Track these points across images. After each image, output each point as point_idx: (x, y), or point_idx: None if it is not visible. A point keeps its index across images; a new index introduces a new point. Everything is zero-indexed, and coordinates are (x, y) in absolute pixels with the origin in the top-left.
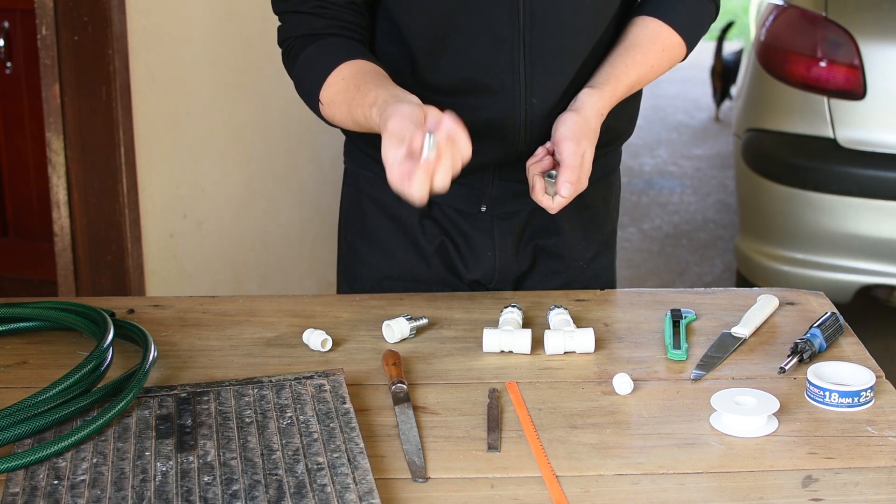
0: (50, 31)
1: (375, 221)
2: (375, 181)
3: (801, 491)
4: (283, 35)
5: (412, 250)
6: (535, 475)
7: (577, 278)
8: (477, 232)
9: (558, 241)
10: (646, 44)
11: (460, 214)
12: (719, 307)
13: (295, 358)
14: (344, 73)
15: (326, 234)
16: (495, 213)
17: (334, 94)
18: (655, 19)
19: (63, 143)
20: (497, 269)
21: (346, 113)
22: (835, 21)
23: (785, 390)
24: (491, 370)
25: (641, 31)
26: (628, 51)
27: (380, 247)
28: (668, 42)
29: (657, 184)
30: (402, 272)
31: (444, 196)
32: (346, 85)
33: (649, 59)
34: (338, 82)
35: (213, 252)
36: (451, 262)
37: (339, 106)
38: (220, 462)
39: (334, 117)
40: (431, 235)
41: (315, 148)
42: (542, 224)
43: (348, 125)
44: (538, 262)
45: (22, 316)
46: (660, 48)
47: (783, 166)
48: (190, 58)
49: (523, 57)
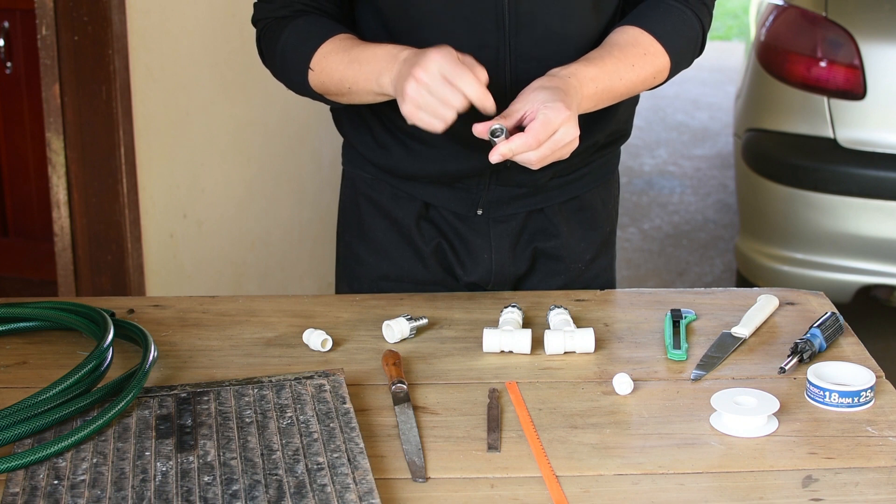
0: (50, 31)
1: (372, 222)
2: (372, 182)
3: (801, 491)
4: (259, 14)
5: (409, 251)
6: (535, 475)
7: (576, 280)
8: (473, 234)
9: (557, 243)
10: (625, 45)
11: (457, 217)
12: (719, 307)
13: (295, 358)
14: (337, 39)
15: (326, 234)
16: (491, 216)
17: (327, 52)
18: (635, 27)
19: (63, 143)
20: (494, 271)
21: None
22: (835, 21)
23: (785, 390)
24: (491, 370)
25: (621, 35)
26: (605, 47)
27: (377, 248)
28: (649, 48)
29: (657, 184)
30: (400, 273)
31: (440, 199)
32: (342, 45)
33: (628, 57)
34: (332, 45)
35: (213, 252)
36: (449, 264)
37: (333, 61)
38: (220, 462)
39: (321, 76)
40: (428, 237)
41: (315, 148)
42: (539, 227)
43: (337, 72)
44: (537, 265)
45: (22, 316)
46: (641, 51)
47: (783, 166)
48: (190, 58)
49: (508, 62)
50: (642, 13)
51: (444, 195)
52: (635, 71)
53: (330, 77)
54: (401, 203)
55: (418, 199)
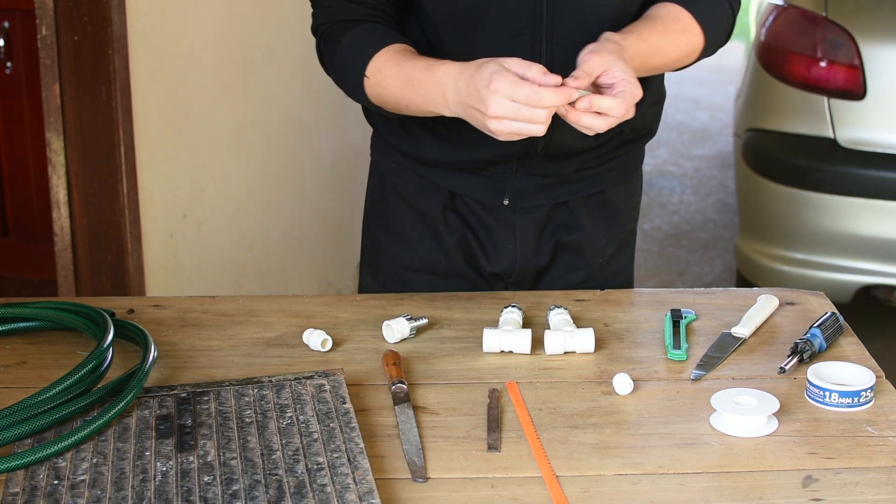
0: (50, 31)
1: (398, 213)
2: (399, 172)
3: (801, 491)
4: (319, 20)
5: (433, 242)
6: (535, 475)
7: (596, 275)
8: (499, 225)
9: (579, 236)
10: (667, 20)
11: (483, 207)
12: (719, 307)
13: (295, 358)
14: (392, 51)
15: (326, 234)
16: (517, 206)
17: (381, 64)
18: (675, 4)
19: (63, 143)
20: (518, 262)
21: (396, 75)
22: (835, 21)
23: (785, 390)
24: (491, 370)
25: (662, 10)
26: (647, 19)
27: (402, 238)
28: (687, 25)
29: (657, 184)
30: (422, 264)
31: (466, 188)
32: (396, 57)
33: (669, 33)
34: (387, 56)
35: (213, 252)
36: (473, 255)
37: (389, 71)
38: (220, 462)
39: (378, 86)
40: (453, 227)
41: (315, 148)
42: (563, 219)
43: (394, 89)
44: (558, 258)
45: (22, 316)
46: (680, 27)
47: (783, 166)
48: (190, 58)
49: (545, 50)
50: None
51: (470, 183)
52: (673, 47)
53: (387, 93)
54: (427, 193)
55: (444, 188)
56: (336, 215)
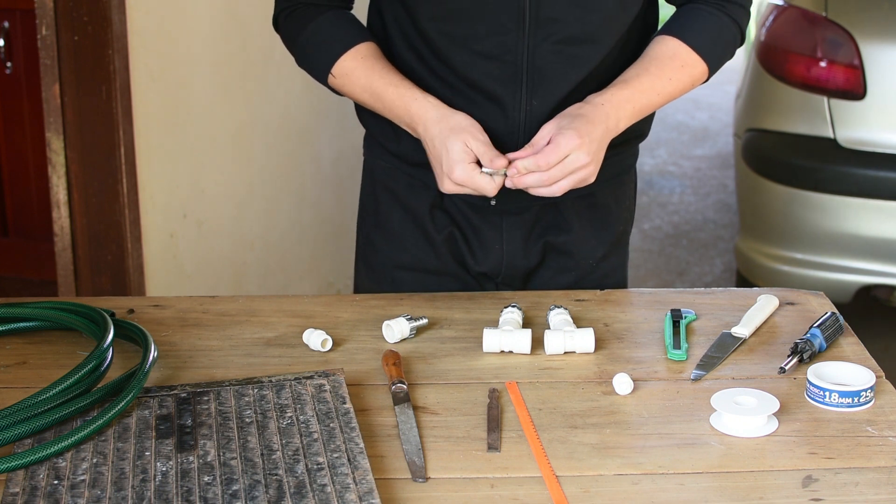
0: (50, 31)
1: (388, 211)
2: (389, 171)
3: (801, 491)
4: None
5: (423, 240)
6: (535, 475)
7: (586, 277)
8: (486, 225)
9: (568, 238)
10: (663, 59)
11: (470, 207)
12: (719, 307)
13: (295, 358)
14: (360, 56)
15: (326, 234)
16: (505, 207)
17: (350, 69)
18: (674, 38)
19: (63, 143)
20: (505, 263)
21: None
22: (835, 21)
23: (785, 390)
24: (491, 370)
25: (659, 48)
26: (643, 61)
27: (392, 237)
28: (687, 59)
29: (657, 184)
30: (413, 262)
31: None
32: (365, 65)
33: (666, 71)
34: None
35: (213, 252)
36: (460, 254)
37: (356, 83)
38: (220, 462)
39: (343, 88)
40: (441, 225)
41: (315, 148)
42: (551, 221)
43: (359, 95)
44: (547, 259)
45: (22, 316)
46: (678, 63)
47: (783, 166)
48: (190, 58)
49: (526, 59)
50: (679, 23)
51: None
52: (672, 84)
53: (352, 95)
54: (416, 192)
55: (432, 187)
56: (336, 215)
